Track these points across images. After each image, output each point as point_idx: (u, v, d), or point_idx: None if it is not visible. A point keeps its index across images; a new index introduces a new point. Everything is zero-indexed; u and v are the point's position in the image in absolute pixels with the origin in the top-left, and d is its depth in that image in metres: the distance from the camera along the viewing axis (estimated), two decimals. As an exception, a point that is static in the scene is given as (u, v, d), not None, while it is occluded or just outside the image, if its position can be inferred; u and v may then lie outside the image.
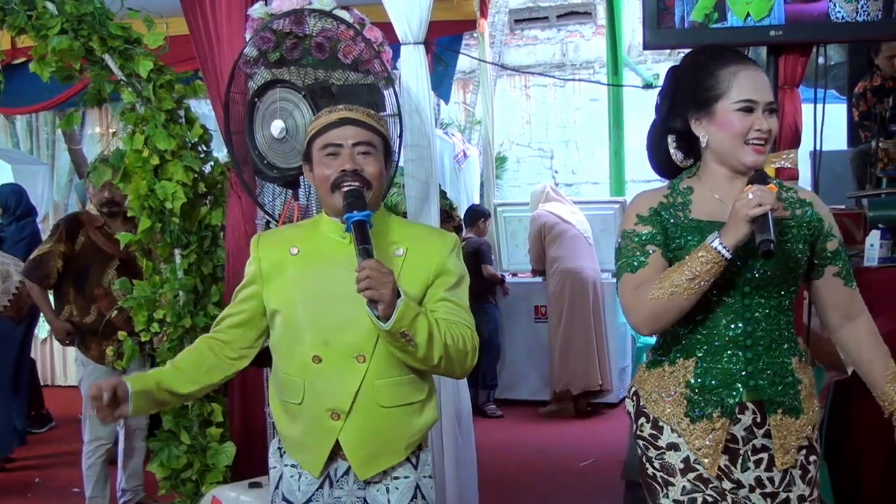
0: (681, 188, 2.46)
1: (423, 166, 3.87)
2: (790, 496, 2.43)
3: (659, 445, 2.46)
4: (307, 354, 2.51)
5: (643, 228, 2.42)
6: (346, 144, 2.51)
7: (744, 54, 2.48)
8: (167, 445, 4.02)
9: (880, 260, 4.11)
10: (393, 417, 2.55)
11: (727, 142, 2.37)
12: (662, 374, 2.48)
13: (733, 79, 2.35)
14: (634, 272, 2.40)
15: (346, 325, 2.49)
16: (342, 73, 3.48)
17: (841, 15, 3.50)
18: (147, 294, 3.98)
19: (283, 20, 3.47)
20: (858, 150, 5.66)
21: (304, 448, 2.57)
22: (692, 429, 2.40)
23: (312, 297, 2.52)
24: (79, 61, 3.92)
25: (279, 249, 2.59)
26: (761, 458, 2.41)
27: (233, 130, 3.62)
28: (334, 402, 2.50)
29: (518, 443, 7.03)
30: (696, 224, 2.39)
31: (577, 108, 13.28)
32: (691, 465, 2.41)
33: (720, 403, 2.39)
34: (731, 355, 2.39)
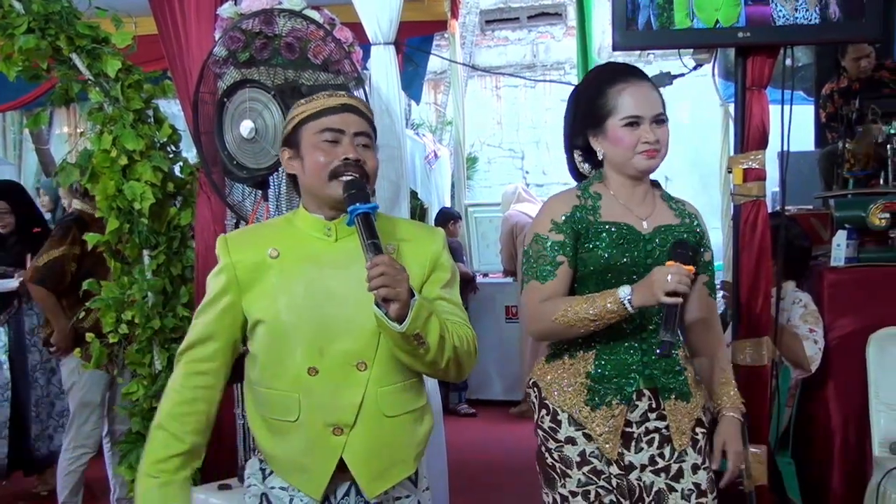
0: (591, 192, 2.65)
1: (393, 167, 3.87)
2: (683, 466, 2.60)
3: (558, 438, 2.63)
4: (301, 367, 2.27)
5: (555, 236, 2.58)
6: (348, 132, 2.31)
7: (635, 71, 2.63)
8: (135, 448, 3.99)
9: (846, 260, 4.16)
10: (399, 427, 2.35)
11: (620, 155, 2.59)
12: (562, 365, 2.65)
13: (619, 97, 2.56)
14: (543, 282, 2.58)
15: (342, 331, 2.27)
16: (312, 74, 3.48)
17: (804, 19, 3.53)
18: (115, 295, 3.95)
19: (253, 20, 3.46)
20: (825, 151, 5.72)
21: (300, 468, 2.31)
22: (592, 416, 2.57)
23: (300, 303, 2.28)
24: (46, 60, 3.89)
25: (255, 252, 2.33)
26: (653, 438, 2.60)
27: (202, 130, 3.60)
28: (336, 415, 2.27)
29: (489, 442, 7.04)
30: (606, 226, 2.57)
31: (548, 109, 13.30)
32: (587, 458, 2.58)
33: (619, 392, 2.57)
34: (629, 347, 2.59)
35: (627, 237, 2.57)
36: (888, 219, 4.13)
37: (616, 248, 2.56)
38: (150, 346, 3.97)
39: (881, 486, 3.55)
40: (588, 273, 2.58)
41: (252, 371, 2.38)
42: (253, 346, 2.35)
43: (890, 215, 4.13)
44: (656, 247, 2.58)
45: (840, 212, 4.26)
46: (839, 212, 4.27)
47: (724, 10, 3.53)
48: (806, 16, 3.53)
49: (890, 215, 4.13)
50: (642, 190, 2.65)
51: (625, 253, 2.56)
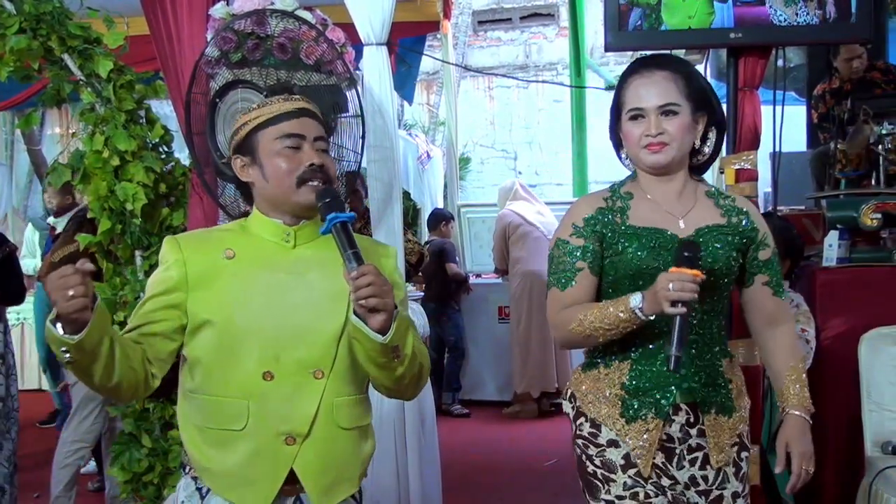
0: (622, 192, 2.52)
1: (385, 167, 3.87)
2: (724, 493, 2.47)
3: (599, 443, 2.48)
4: (254, 372, 2.17)
5: (576, 241, 2.46)
6: (309, 137, 2.25)
7: (653, 61, 2.49)
8: (128, 449, 3.98)
9: (838, 260, 4.16)
10: (351, 440, 2.28)
11: (631, 150, 2.48)
12: (598, 376, 2.51)
13: (627, 90, 2.46)
14: (563, 290, 2.46)
15: (299, 338, 2.19)
16: (304, 74, 3.47)
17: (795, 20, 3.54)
18: (107, 296, 3.94)
19: (245, 20, 3.45)
20: (817, 152, 5.74)
21: (244, 482, 2.19)
22: (627, 429, 2.44)
23: (256, 308, 2.19)
24: (37, 61, 3.87)
25: (209, 253, 2.24)
26: (696, 457, 2.45)
27: (194, 131, 3.59)
28: (290, 424, 2.18)
29: (482, 443, 7.04)
30: (633, 231, 2.43)
31: (541, 109, 13.34)
32: (631, 461, 2.43)
33: (654, 405, 2.42)
34: (665, 359, 2.36)
35: (660, 241, 2.41)
36: (880, 219, 4.14)
37: (647, 252, 2.40)
38: (142, 347, 3.96)
39: (873, 485, 3.56)
40: (619, 277, 2.44)
41: (190, 378, 2.27)
42: (194, 351, 2.24)
43: (881, 215, 4.14)
44: None
45: (832, 212, 4.27)
46: (831, 212, 4.28)
47: (698, 17, 3.54)
48: (798, 17, 3.53)
49: (881, 215, 4.14)
50: (676, 187, 2.48)
51: (657, 257, 2.39)
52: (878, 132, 4.40)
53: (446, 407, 7.83)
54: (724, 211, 2.50)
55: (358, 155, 3.59)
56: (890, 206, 4.13)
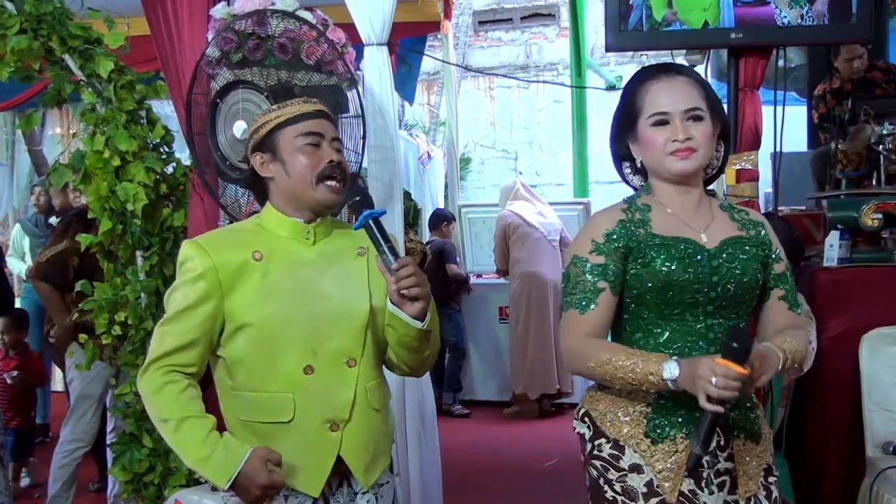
0: (639, 204, 2.39)
1: (386, 168, 3.87)
2: None
3: (621, 467, 2.32)
4: (296, 367, 2.30)
5: (596, 258, 2.31)
6: (327, 137, 2.38)
7: (670, 67, 2.40)
8: (129, 449, 3.98)
9: (839, 260, 4.16)
10: (381, 419, 2.44)
11: (652, 158, 2.35)
12: (617, 393, 2.35)
13: (646, 95, 2.33)
14: (582, 313, 2.30)
15: (332, 331, 2.33)
16: (305, 74, 3.47)
17: (787, 20, 3.54)
18: (108, 296, 3.94)
19: (246, 21, 3.46)
20: (818, 152, 5.73)
21: (297, 469, 2.31)
22: (653, 450, 2.30)
23: (290, 305, 2.31)
24: (38, 61, 3.87)
25: (238, 254, 2.32)
26: (724, 481, 2.32)
27: (195, 131, 3.59)
28: (333, 412, 2.32)
29: (482, 443, 7.04)
30: (661, 241, 2.30)
31: (541, 110, 13.34)
32: (654, 489, 2.28)
33: (684, 426, 2.29)
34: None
35: (688, 251, 2.29)
36: (880, 219, 4.13)
37: (677, 263, 2.27)
38: (143, 348, 3.96)
39: (874, 486, 3.56)
40: (646, 291, 2.30)
41: (234, 377, 2.35)
42: (234, 352, 2.33)
43: (882, 216, 4.14)
44: (723, 263, 2.30)
45: (833, 212, 4.27)
46: (832, 212, 4.27)
47: (711, 11, 3.54)
48: (799, 17, 3.54)
49: (882, 216, 4.14)
50: (694, 199, 2.37)
51: (687, 268, 2.27)
52: (879, 132, 4.40)
53: (447, 407, 7.83)
54: (741, 224, 2.40)
55: (359, 155, 3.59)
56: (891, 207, 4.13)
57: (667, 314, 2.30)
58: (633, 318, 2.35)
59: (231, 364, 2.35)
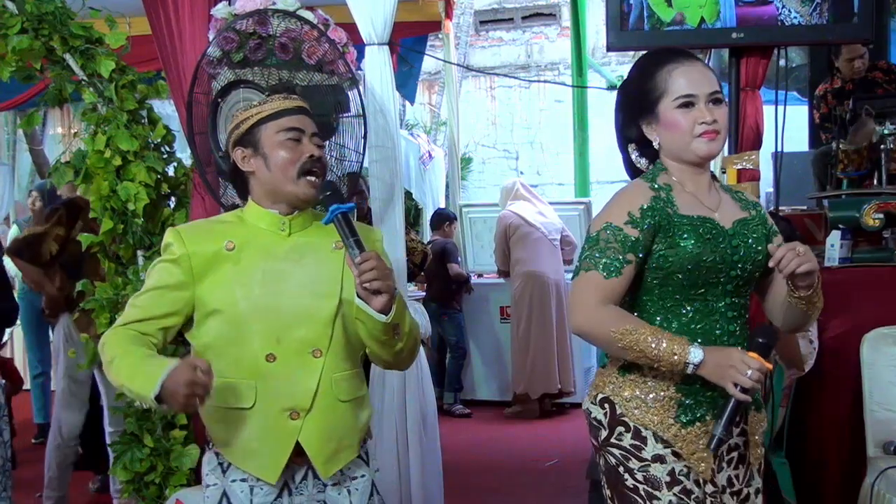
0: (660, 183, 2.39)
1: (387, 167, 3.87)
2: (749, 491, 2.47)
3: (643, 457, 2.34)
4: (258, 354, 2.37)
5: (631, 230, 2.30)
6: (307, 133, 2.44)
7: (685, 51, 2.44)
8: (130, 448, 3.98)
9: (840, 260, 4.16)
10: (349, 411, 2.47)
11: (677, 140, 2.36)
12: (643, 378, 2.36)
13: (669, 77, 2.35)
14: (607, 277, 2.29)
15: (298, 320, 2.38)
16: (306, 74, 3.47)
17: (797, 20, 3.54)
18: (109, 296, 3.94)
19: (247, 20, 3.46)
20: (819, 152, 5.73)
21: (255, 454, 2.39)
22: (683, 434, 2.33)
23: (257, 293, 2.38)
24: (40, 61, 3.87)
25: (211, 244, 2.41)
26: (733, 457, 2.42)
27: (196, 131, 3.59)
28: (293, 400, 2.38)
29: (483, 443, 7.04)
30: (689, 221, 2.33)
31: (542, 110, 13.33)
32: (677, 477, 2.32)
33: (712, 404, 2.33)
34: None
35: (712, 232, 2.33)
36: (882, 219, 4.13)
37: (703, 244, 2.30)
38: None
39: (875, 485, 3.55)
40: (672, 271, 2.31)
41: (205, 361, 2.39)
42: (203, 338, 2.43)
43: (883, 215, 4.14)
44: (741, 243, 2.35)
45: (834, 212, 4.27)
46: (833, 212, 4.27)
47: (708, 7, 3.54)
48: (799, 16, 3.54)
49: (883, 215, 4.14)
50: (706, 179, 2.43)
51: (712, 250, 2.31)
52: (880, 132, 4.40)
53: (448, 407, 7.83)
54: (742, 205, 2.46)
55: (360, 155, 3.59)
56: (892, 206, 4.13)
57: (691, 295, 2.34)
58: (656, 299, 2.37)
59: (200, 351, 2.43)
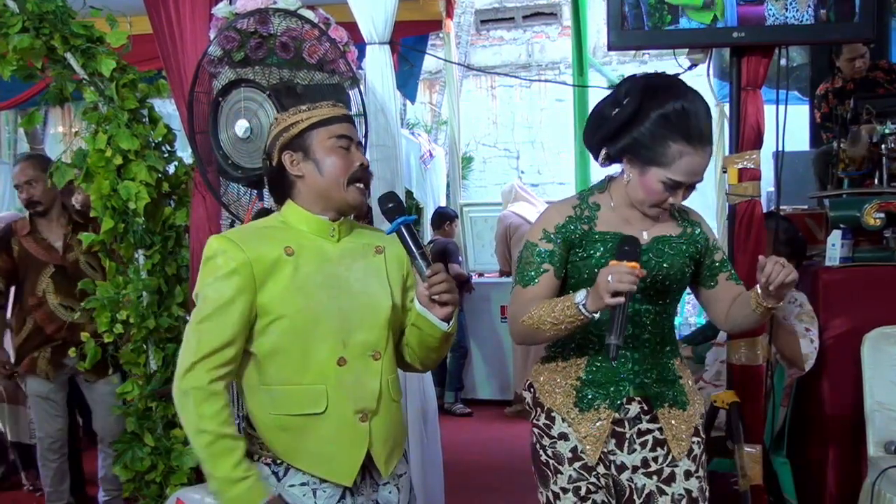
0: (589, 202, 2.63)
1: (388, 166, 3.87)
2: (675, 471, 2.62)
3: (552, 434, 2.66)
4: (329, 358, 2.36)
5: (544, 245, 2.59)
6: (354, 141, 2.46)
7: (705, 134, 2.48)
8: (131, 447, 3.99)
9: (842, 259, 4.16)
10: (399, 410, 2.54)
11: (640, 197, 2.55)
12: (556, 368, 2.69)
13: (678, 158, 2.46)
14: (525, 287, 2.60)
15: (359, 324, 2.40)
16: (307, 73, 3.48)
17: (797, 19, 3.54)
18: (110, 295, 3.94)
19: (248, 19, 3.45)
20: (820, 151, 5.72)
21: (329, 458, 2.37)
22: (580, 418, 2.61)
23: (321, 298, 2.36)
24: (40, 60, 3.88)
25: (271, 249, 2.36)
26: (646, 440, 2.62)
27: (197, 130, 3.59)
28: (363, 402, 2.39)
29: (484, 442, 7.04)
30: (601, 237, 2.57)
31: (543, 109, 13.31)
32: (578, 454, 2.61)
33: (608, 397, 2.60)
34: (620, 356, 2.55)
35: None
36: (883, 219, 4.13)
37: (611, 257, 2.47)
38: (145, 346, 3.97)
39: (876, 485, 3.55)
40: (582, 280, 2.57)
41: (264, 372, 2.38)
42: (266, 345, 2.36)
43: (884, 215, 4.13)
44: (652, 257, 2.57)
45: (835, 212, 4.26)
46: (834, 212, 4.27)
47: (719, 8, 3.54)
48: (799, 16, 3.53)
49: (884, 215, 4.13)
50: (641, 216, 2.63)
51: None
52: (881, 131, 4.39)
53: (448, 406, 7.83)
54: (679, 222, 2.68)
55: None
56: (893, 206, 4.12)
57: None
58: None
59: (263, 358, 2.37)
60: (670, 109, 2.45)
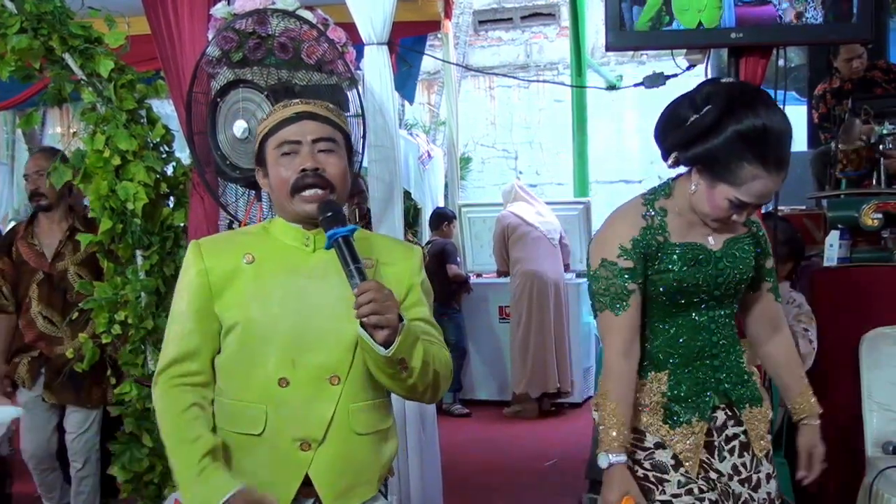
0: (657, 208, 2.50)
1: (386, 167, 3.87)
2: (759, 476, 2.59)
3: (646, 447, 2.53)
4: (271, 377, 2.19)
5: (625, 263, 2.44)
6: (305, 141, 2.24)
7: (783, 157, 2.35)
8: (129, 448, 3.98)
9: (839, 259, 4.17)
10: (367, 445, 2.28)
11: (704, 210, 2.42)
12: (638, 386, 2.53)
13: (750, 181, 2.32)
14: (617, 314, 2.45)
15: (316, 343, 2.20)
16: (305, 74, 3.47)
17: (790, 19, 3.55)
18: (108, 296, 3.94)
19: (246, 20, 3.45)
20: (818, 152, 5.74)
21: (264, 483, 2.19)
22: (672, 434, 2.51)
23: (275, 311, 2.21)
24: (39, 60, 3.87)
25: (229, 257, 2.26)
26: (734, 447, 2.56)
27: (195, 131, 3.59)
28: (305, 430, 2.19)
29: (482, 443, 7.04)
30: (678, 248, 2.46)
31: (541, 109, 13.33)
32: (680, 460, 2.51)
33: (696, 409, 2.52)
34: (700, 365, 2.53)
35: (699, 257, 2.47)
36: (880, 219, 4.14)
37: (688, 269, 2.45)
38: (143, 347, 3.96)
39: (874, 485, 3.56)
40: (657, 293, 2.48)
41: (219, 382, 2.29)
42: (222, 356, 2.27)
43: (882, 215, 4.14)
44: (727, 264, 2.49)
45: (833, 212, 4.27)
46: (832, 212, 4.27)
47: (707, 12, 3.54)
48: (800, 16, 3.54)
49: (882, 215, 4.14)
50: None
51: (696, 273, 2.46)
52: (879, 132, 4.40)
53: (447, 407, 7.83)
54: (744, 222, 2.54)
55: (359, 155, 3.59)
56: (891, 206, 4.13)
57: (673, 312, 2.51)
58: (642, 316, 2.51)
59: (218, 368, 2.28)
60: (749, 127, 2.30)
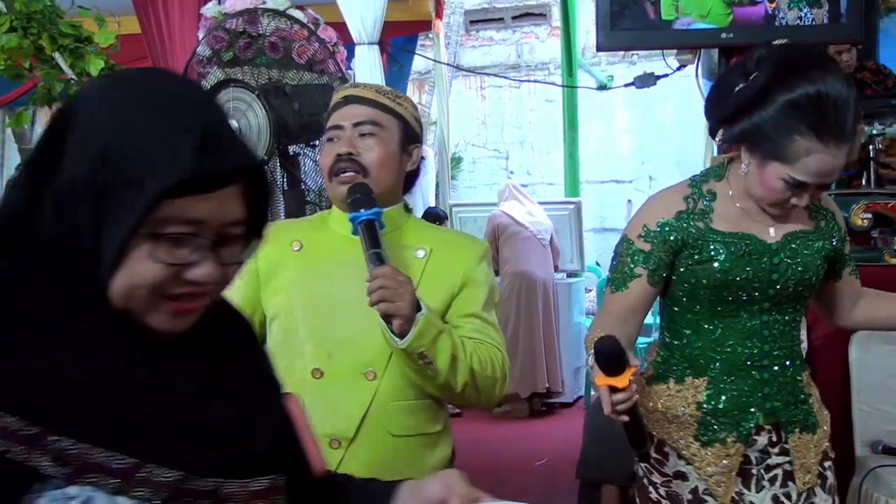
0: (704, 190, 2.24)
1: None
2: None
3: (665, 472, 2.29)
4: (307, 367, 2.11)
5: (642, 244, 2.22)
6: (347, 126, 2.17)
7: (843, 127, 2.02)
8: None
9: (829, 260, 4.17)
10: (405, 449, 2.13)
11: (758, 193, 2.16)
12: (667, 390, 2.29)
13: (804, 156, 2.03)
14: (614, 292, 2.26)
15: (354, 336, 2.10)
16: (296, 73, 3.47)
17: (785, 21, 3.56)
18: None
19: (237, 19, 3.45)
20: (808, 152, 5.73)
21: None
22: (702, 454, 2.23)
23: (315, 301, 2.14)
24: (28, 60, 3.87)
25: (279, 245, 2.18)
26: (776, 476, 2.27)
27: (186, 130, 3.59)
28: (335, 426, 2.08)
29: (473, 443, 7.03)
30: (721, 237, 2.19)
31: (532, 109, 13.33)
32: (700, 496, 2.24)
33: (735, 428, 2.23)
34: (745, 375, 2.23)
35: (749, 248, 2.18)
36: (870, 219, 4.14)
37: (735, 262, 2.17)
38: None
39: (863, 484, 3.56)
40: (700, 287, 2.21)
41: None
42: (269, 343, 2.18)
43: (872, 215, 4.15)
44: (784, 259, 2.20)
45: (823, 212, 4.27)
46: (822, 212, 4.28)
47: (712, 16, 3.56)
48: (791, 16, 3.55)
49: (872, 215, 4.15)
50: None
51: (746, 267, 2.17)
52: (869, 132, 4.41)
53: (437, 407, 7.82)
54: (813, 212, 2.28)
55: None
56: (880, 206, 4.14)
57: (719, 312, 2.23)
58: (684, 312, 2.28)
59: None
60: (801, 95, 2.01)
